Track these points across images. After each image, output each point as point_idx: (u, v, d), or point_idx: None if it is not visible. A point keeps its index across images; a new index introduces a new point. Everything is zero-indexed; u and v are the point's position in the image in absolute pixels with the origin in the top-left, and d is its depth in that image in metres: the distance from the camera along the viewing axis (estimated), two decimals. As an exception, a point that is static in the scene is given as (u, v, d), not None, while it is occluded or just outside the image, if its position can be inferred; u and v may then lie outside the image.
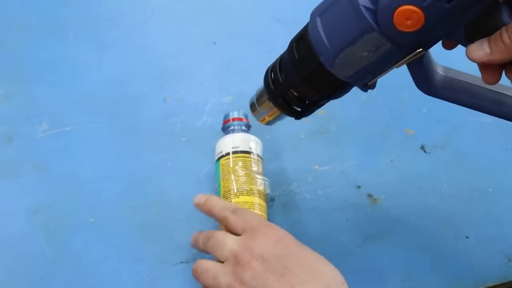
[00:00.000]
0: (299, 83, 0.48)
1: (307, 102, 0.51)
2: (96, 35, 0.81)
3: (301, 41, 0.47)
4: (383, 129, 0.71)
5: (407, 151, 0.69)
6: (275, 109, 0.53)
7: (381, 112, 0.72)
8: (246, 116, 0.65)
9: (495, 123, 0.72)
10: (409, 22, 0.38)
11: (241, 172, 0.59)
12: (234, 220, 0.50)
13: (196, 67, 0.77)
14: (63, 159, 0.66)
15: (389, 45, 0.41)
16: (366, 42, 0.42)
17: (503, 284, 0.58)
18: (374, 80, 0.46)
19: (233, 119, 0.64)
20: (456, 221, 0.63)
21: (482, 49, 0.40)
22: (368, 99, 0.73)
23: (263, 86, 0.54)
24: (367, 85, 0.47)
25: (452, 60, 0.49)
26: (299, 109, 0.52)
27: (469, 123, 0.72)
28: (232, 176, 0.59)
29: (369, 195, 0.64)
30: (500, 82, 0.44)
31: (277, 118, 0.56)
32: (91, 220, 0.61)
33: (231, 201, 0.57)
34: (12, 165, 0.66)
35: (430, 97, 0.73)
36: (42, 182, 0.64)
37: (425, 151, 0.69)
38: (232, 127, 0.64)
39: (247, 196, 0.57)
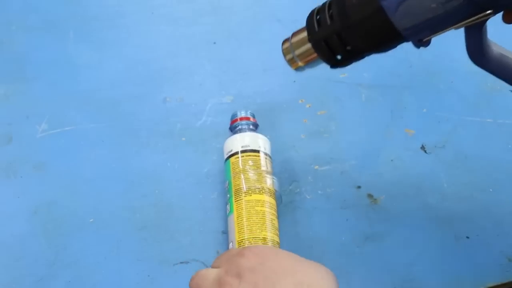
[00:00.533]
0: (350, 27, 0.46)
1: (351, 50, 0.48)
2: (96, 35, 0.81)
3: None
4: (383, 129, 0.71)
5: (407, 151, 0.68)
6: (313, 54, 0.51)
7: (381, 112, 0.72)
8: (254, 116, 0.66)
9: (495, 123, 0.72)
10: None
11: (251, 171, 0.59)
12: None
13: (196, 67, 0.77)
14: (63, 159, 0.66)
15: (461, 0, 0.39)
16: None
17: (503, 284, 0.58)
18: (431, 37, 0.44)
19: (241, 119, 0.65)
20: (456, 221, 0.62)
21: None
22: (368, 99, 0.73)
23: (302, 29, 0.51)
24: (421, 41, 0.45)
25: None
26: (339, 57, 0.49)
27: (469, 123, 0.72)
28: (242, 175, 0.59)
29: (369, 195, 0.64)
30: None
31: (311, 65, 0.53)
32: (91, 220, 0.61)
33: (242, 199, 0.57)
34: (12, 165, 0.66)
35: (430, 97, 0.74)
36: (42, 182, 0.64)
37: (425, 151, 0.69)
38: (240, 126, 0.64)
39: (258, 195, 0.58)
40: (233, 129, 0.65)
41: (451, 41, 0.49)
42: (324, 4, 0.49)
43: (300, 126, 0.70)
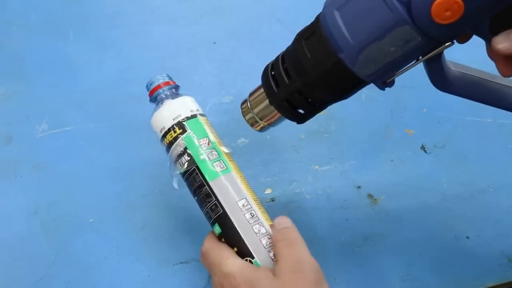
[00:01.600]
0: (310, 83, 0.45)
1: (315, 104, 0.48)
2: (96, 35, 0.81)
3: (313, 38, 0.44)
4: (383, 129, 0.71)
5: (407, 151, 0.69)
6: (276, 114, 0.49)
7: (381, 112, 0.72)
8: (171, 77, 0.56)
9: (495, 123, 0.72)
10: (448, 13, 0.37)
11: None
12: None
13: (196, 67, 0.77)
14: (63, 159, 0.66)
15: (420, 39, 0.39)
16: (396, 36, 0.39)
17: (503, 284, 0.58)
18: (394, 77, 0.44)
19: (163, 84, 0.54)
20: (456, 221, 0.63)
21: (509, 40, 0.39)
22: (368, 99, 0.73)
23: (258, 87, 0.50)
24: (385, 83, 0.45)
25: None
26: (303, 112, 0.49)
27: (469, 123, 0.72)
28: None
29: (369, 195, 0.64)
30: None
31: (275, 123, 0.51)
32: (91, 220, 0.61)
33: (232, 160, 0.51)
34: (12, 165, 0.66)
35: (430, 97, 0.74)
36: (42, 182, 0.64)
37: (425, 151, 0.69)
38: (163, 94, 0.54)
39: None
40: (157, 99, 0.54)
41: (458, 60, 0.49)
42: (276, 62, 0.48)
43: (300, 126, 0.70)
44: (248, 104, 0.51)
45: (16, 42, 0.79)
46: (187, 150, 0.50)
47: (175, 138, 0.51)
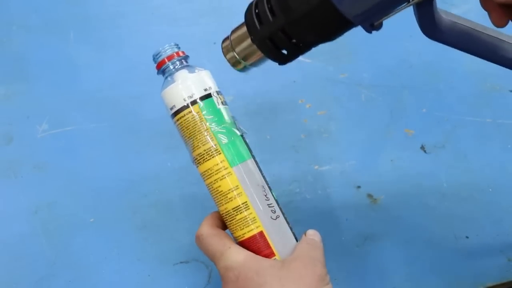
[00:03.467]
0: (295, 21, 0.43)
1: (298, 44, 0.45)
2: (97, 35, 0.81)
3: None
4: (383, 129, 0.71)
5: (407, 151, 0.69)
6: (258, 53, 0.47)
7: (381, 112, 0.72)
8: (179, 47, 0.52)
9: (495, 123, 0.72)
10: None
11: (195, 132, 0.49)
12: None
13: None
14: (63, 159, 0.66)
15: None
16: None
17: (503, 284, 0.58)
18: (382, 19, 0.42)
19: (174, 55, 0.51)
20: (456, 221, 0.63)
21: None
22: (368, 99, 0.73)
23: (241, 25, 0.48)
24: (373, 26, 0.43)
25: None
26: (285, 53, 0.46)
27: (469, 123, 0.72)
28: (189, 139, 0.49)
29: (369, 195, 0.64)
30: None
31: (256, 63, 0.49)
32: (91, 220, 0.61)
33: (198, 167, 0.49)
34: (12, 165, 0.66)
35: (430, 97, 0.74)
36: (42, 182, 0.64)
37: (425, 151, 0.69)
38: (173, 66, 0.50)
39: (211, 160, 0.48)
40: (166, 72, 0.51)
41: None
42: None
43: (300, 126, 0.70)
44: (230, 42, 0.49)
45: (17, 42, 0.79)
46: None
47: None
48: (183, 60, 0.51)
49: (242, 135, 0.50)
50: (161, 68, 0.50)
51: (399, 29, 0.57)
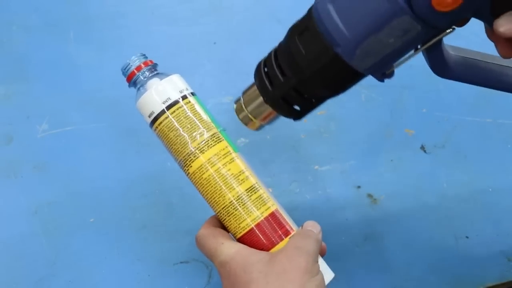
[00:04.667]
0: (306, 80, 0.43)
1: (311, 99, 0.46)
2: (97, 35, 0.81)
3: (307, 33, 0.42)
4: (383, 129, 0.71)
5: (407, 151, 0.69)
6: (271, 112, 0.48)
7: (381, 112, 0.72)
8: (146, 57, 0.52)
9: (495, 123, 0.72)
10: (449, 0, 0.36)
11: (189, 125, 0.48)
12: None
13: (196, 67, 0.77)
14: (63, 159, 0.66)
15: (420, 28, 0.38)
16: (395, 27, 0.38)
17: (503, 284, 0.58)
18: (394, 68, 0.43)
19: (142, 66, 0.51)
20: (456, 221, 0.63)
21: (511, 23, 0.38)
22: (368, 99, 0.73)
23: (252, 86, 0.48)
24: (385, 74, 0.43)
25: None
26: (299, 109, 0.47)
27: (469, 123, 0.72)
28: (183, 132, 0.48)
29: (369, 195, 0.64)
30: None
31: (270, 122, 0.50)
32: (91, 220, 0.61)
33: (191, 165, 0.48)
34: (12, 165, 0.66)
35: (430, 97, 0.74)
36: (42, 182, 0.64)
37: (425, 151, 0.69)
38: (144, 76, 0.51)
39: (217, 144, 0.48)
40: (137, 83, 0.51)
41: (451, 42, 0.49)
42: (269, 59, 0.46)
43: (300, 126, 0.70)
44: (242, 102, 0.50)
45: (17, 42, 0.79)
46: None
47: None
48: (152, 69, 0.51)
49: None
50: (132, 80, 0.51)
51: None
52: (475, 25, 0.42)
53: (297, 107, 0.47)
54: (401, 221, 0.62)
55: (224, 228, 0.49)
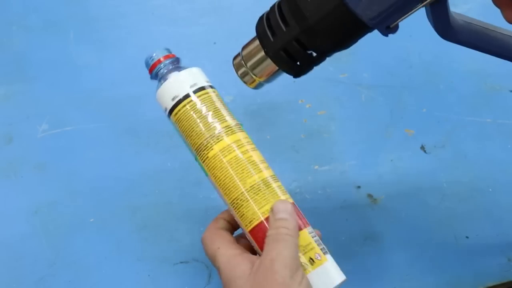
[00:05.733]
0: (310, 29, 0.42)
1: (313, 53, 0.44)
2: (96, 35, 0.81)
3: None
4: (383, 129, 0.71)
5: (407, 151, 0.69)
6: (271, 66, 0.46)
7: (381, 112, 0.72)
8: (170, 51, 0.53)
9: (495, 123, 0.72)
10: None
11: (214, 110, 0.48)
12: None
13: (196, 67, 0.77)
14: (63, 159, 0.66)
15: None
16: None
17: (503, 284, 0.58)
18: (398, 21, 0.42)
19: (165, 58, 0.52)
20: (456, 221, 0.63)
21: None
22: (368, 99, 0.73)
23: (252, 40, 0.47)
24: (389, 28, 0.42)
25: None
26: (299, 64, 0.46)
27: (469, 123, 0.72)
28: (209, 116, 0.48)
29: (369, 195, 0.64)
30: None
31: (271, 78, 0.48)
32: (91, 220, 0.61)
33: (212, 147, 0.47)
34: (12, 165, 0.66)
35: (430, 97, 0.74)
36: (42, 182, 0.64)
37: (425, 151, 0.69)
38: (166, 68, 0.51)
39: (241, 132, 0.48)
40: (160, 74, 0.51)
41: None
42: (272, 8, 0.45)
43: (300, 126, 0.70)
44: (241, 58, 0.48)
45: (17, 42, 0.79)
46: None
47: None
48: (175, 62, 0.52)
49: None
50: (154, 71, 0.51)
51: (399, 29, 0.57)
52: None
53: (298, 63, 0.46)
54: (401, 221, 0.62)
55: (229, 226, 0.48)
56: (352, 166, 0.67)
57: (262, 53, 0.46)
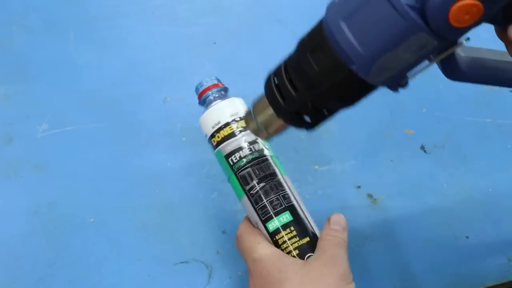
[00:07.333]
0: (320, 95, 0.43)
1: (324, 112, 0.46)
2: (96, 35, 0.81)
3: (319, 50, 0.41)
4: (383, 129, 0.71)
5: (407, 151, 0.69)
6: (282, 123, 0.47)
7: (381, 112, 0.72)
8: (219, 80, 0.58)
9: (495, 123, 0.72)
10: (467, 17, 0.35)
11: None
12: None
13: (196, 67, 0.77)
14: (63, 159, 0.66)
15: (436, 42, 0.37)
16: (411, 44, 0.38)
17: (503, 284, 0.58)
18: (409, 79, 0.42)
19: (212, 86, 0.56)
20: (456, 221, 0.63)
21: None
22: (368, 99, 0.73)
23: (262, 98, 0.48)
24: (400, 85, 0.43)
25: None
26: (309, 120, 0.47)
27: (469, 123, 0.72)
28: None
29: (369, 195, 0.64)
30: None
31: (281, 132, 0.49)
32: (91, 220, 0.61)
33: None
34: (12, 165, 0.66)
35: (430, 97, 0.74)
36: (42, 182, 0.64)
37: (425, 151, 0.69)
38: (214, 95, 0.56)
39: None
40: (206, 101, 0.56)
41: None
42: (279, 70, 0.45)
43: (300, 126, 0.70)
44: (252, 115, 0.49)
45: (17, 42, 0.79)
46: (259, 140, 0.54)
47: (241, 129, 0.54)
48: (223, 91, 0.56)
49: (236, 171, 0.52)
50: (202, 98, 0.56)
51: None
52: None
53: (309, 120, 0.47)
54: (401, 221, 0.62)
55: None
56: (352, 166, 0.67)
57: (272, 111, 0.47)
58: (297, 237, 0.49)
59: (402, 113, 0.72)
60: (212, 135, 0.54)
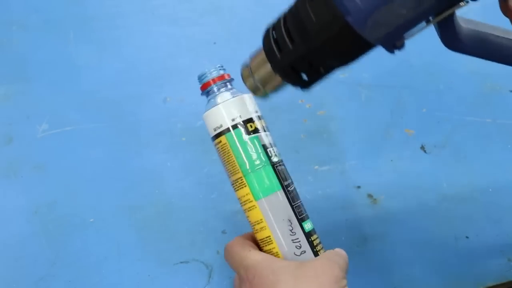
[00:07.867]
0: (316, 48, 0.42)
1: (320, 69, 0.45)
2: (97, 35, 0.81)
3: (318, 0, 0.41)
4: (383, 129, 0.71)
5: (407, 151, 0.69)
6: (278, 79, 0.46)
7: (381, 112, 0.72)
8: (224, 69, 0.54)
9: (495, 123, 0.72)
10: None
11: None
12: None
13: (196, 67, 0.77)
14: (63, 159, 0.66)
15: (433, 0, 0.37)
16: None
17: (503, 284, 0.58)
18: (405, 40, 0.42)
19: (218, 79, 0.52)
20: (456, 221, 0.63)
21: None
22: (368, 99, 0.73)
23: (260, 51, 0.48)
24: (395, 46, 0.42)
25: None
26: (306, 78, 0.46)
27: (469, 123, 0.72)
28: (236, 163, 0.49)
29: (369, 195, 0.64)
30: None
31: (277, 89, 0.48)
32: (91, 220, 0.61)
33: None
34: (12, 165, 0.66)
35: (430, 97, 0.74)
36: (42, 182, 0.64)
37: (425, 151, 0.69)
38: (217, 89, 0.52)
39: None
40: (210, 93, 0.52)
41: (463, 15, 0.48)
42: (278, 25, 0.46)
43: (300, 126, 0.70)
44: (249, 69, 0.49)
45: (17, 42, 0.79)
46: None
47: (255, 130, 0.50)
48: (227, 83, 0.52)
49: (274, 164, 0.50)
50: (206, 90, 0.52)
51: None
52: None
53: (306, 77, 0.46)
54: (401, 221, 0.62)
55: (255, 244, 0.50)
56: (352, 166, 0.67)
57: (269, 67, 0.46)
58: (322, 244, 0.50)
59: (402, 113, 0.72)
60: (250, 120, 0.50)
